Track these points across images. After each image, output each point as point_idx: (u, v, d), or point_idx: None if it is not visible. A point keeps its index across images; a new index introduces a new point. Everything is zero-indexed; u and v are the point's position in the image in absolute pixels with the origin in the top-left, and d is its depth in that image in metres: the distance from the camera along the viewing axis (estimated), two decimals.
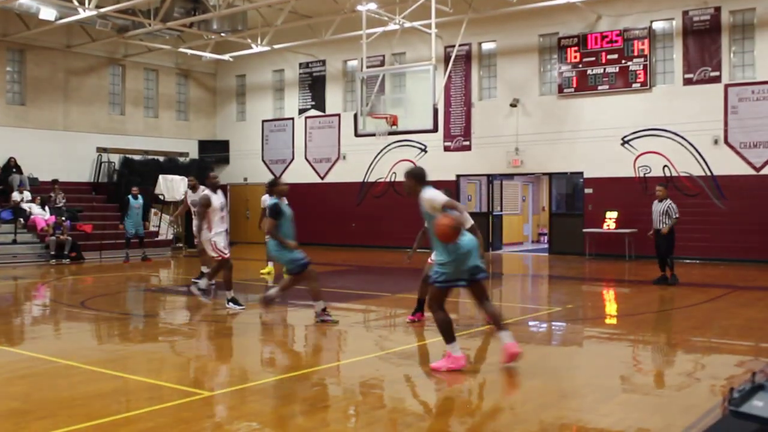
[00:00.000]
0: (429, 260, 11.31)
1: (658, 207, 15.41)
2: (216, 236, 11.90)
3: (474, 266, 7.65)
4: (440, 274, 7.64)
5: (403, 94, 20.04)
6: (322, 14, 23.72)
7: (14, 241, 21.17)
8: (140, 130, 28.40)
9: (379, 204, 26.00)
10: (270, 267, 18.03)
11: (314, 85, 27.91)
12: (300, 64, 28.14)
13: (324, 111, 27.65)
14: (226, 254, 11.84)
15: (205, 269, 13.98)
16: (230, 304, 11.64)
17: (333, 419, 6.21)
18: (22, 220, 21.80)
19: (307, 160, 27.99)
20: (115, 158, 27.04)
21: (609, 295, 15.36)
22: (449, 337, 7.72)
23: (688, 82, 20.62)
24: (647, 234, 16.10)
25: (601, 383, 7.34)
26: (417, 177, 7.94)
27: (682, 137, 20.60)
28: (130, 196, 21.49)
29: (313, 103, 27.93)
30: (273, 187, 10.85)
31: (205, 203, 11.90)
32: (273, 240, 10.54)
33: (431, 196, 7.79)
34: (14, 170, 23.77)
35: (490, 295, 8.27)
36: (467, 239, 7.63)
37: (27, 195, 22.69)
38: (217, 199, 12.13)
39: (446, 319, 7.73)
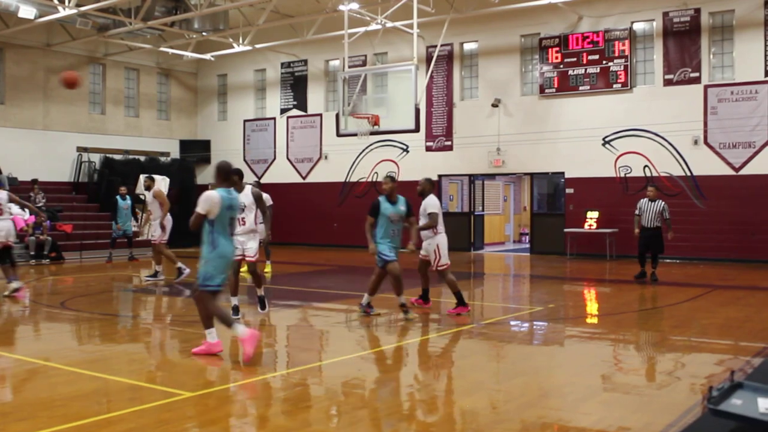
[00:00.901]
0: (420, 255, 11.56)
1: (651, 206, 15.74)
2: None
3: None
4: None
5: (384, 94, 20.04)
6: (304, 14, 23.69)
7: None
8: (121, 129, 28.26)
9: (361, 204, 25.90)
10: (268, 266, 17.92)
11: (296, 85, 27.87)
12: (282, 64, 28.09)
13: (306, 111, 27.61)
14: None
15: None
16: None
17: (315, 419, 6.20)
18: None
19: (289, 159, 27.94)
20: (96, 158, 26.90)
21: (590, 294, 15.43)
22: (208, 324, 8.31)
23: (668, 82, 20.75)
24: (634, 232, 16.15)
25: (582, 382, 7.38)
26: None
27: (663, 137, 20.73)
28: (118, 197, 21.28)
29: (295, 102, 27.89)
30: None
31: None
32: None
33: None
34: None
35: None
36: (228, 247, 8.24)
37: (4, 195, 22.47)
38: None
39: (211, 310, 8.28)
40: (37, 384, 7.40)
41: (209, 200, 8.13)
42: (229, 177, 8.68)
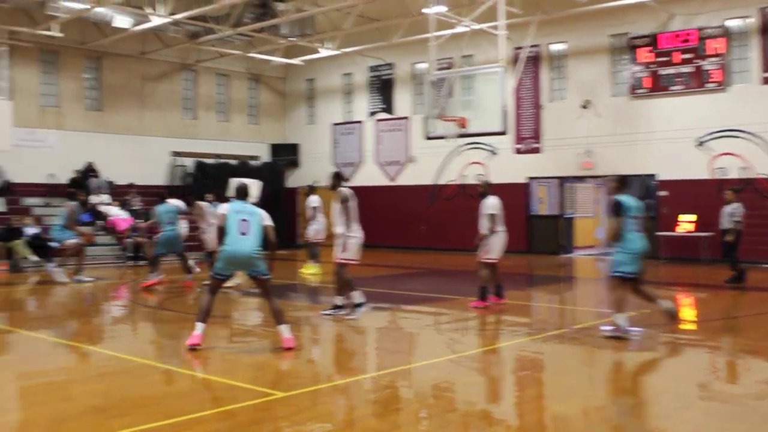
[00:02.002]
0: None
1: (725, 210, 15.71)
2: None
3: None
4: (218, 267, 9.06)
5: (472, 97, 19.91)
6: (391, 17, 23.77)
7: (92, 243, 21.67)
8: (212, 133, 28.90)
9: (449, 206, 25.93)
10: (314, 267, 18.08)
11: (383, 88, 28.00)
12: (369, 67, 28.25)
13: (393, 114, 27.71)
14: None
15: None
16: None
17: (404, 422, 6.22)
18: (98, 222, 22.33)
19: (377, 162, 28.08)
20: (189, 162, 27.60)
21: (685, 299, 15.03)
22: (198, 317, 8.96)
23: (765, 81, 20.04)
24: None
25: (678, 390, 7.19)
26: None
27: (761, 138, 20.06)
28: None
29: (383, 106, 28.01)
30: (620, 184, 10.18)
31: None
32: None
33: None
34: (92, 174, 24.45)
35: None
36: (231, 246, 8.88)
37: (104, 198, 23.27)
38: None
39: (205, 306, 9.02)
40: (135, 381, 7.61)
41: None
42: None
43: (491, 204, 12.20)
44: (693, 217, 20.85)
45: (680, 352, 9.44)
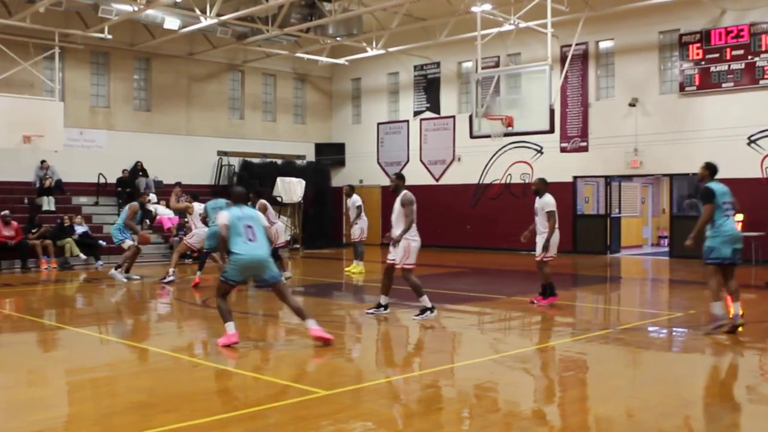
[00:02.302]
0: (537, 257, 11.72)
1: None
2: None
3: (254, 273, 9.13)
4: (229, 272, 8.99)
5: (518, 95, 19.82)
6: (437, 16, 23.73)
7: (149, 242, 21.96)
8: (259, 133, 29.14)
9: (494, 206, 25.83)
10: (359, 266, 18.14)
11: (429, 87, 27.98)
12: (414, 67, 28.25)
13: (439, 113, 27.67)
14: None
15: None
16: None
17: (447, 421, 6.21)
18: (148, 221, 22.64)
19: (422, 162, 28.06)
20: (235, 161, 27.87)
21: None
22: (225, 318, 8.99)
23: None
24: None
25: (724, 392, 7.09)
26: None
27: None
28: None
29: (428, 105, 27.99)
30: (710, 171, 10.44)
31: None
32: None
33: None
34: (141, 173, 24.81)
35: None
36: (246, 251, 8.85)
37: (153, 197, 23.57)
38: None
39: (225, 306, 9.05)
40: (181, 378, 7.72)
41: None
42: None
43: (550, 201, 12.06)
44: (741, 217, 20.47)
45: (726, 354, 9.28)
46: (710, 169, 10.34)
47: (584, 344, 9.49)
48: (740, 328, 9.67)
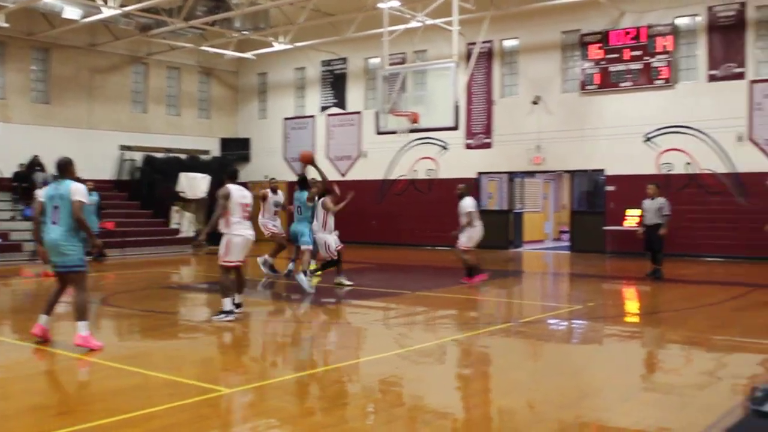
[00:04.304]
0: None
1: (650, 204, 16.00)
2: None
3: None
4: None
5: (424, 92, 19.93)
6: (344, 12, 23.72)
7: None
8: (163, 128, 28.57)
9: (400, 202, 25.99)
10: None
11: (335, 83, 27.95)
12: (321, 62, 28.18)
13: (345, 109, 27.67)
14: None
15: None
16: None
17: (352, 416, 6.22)
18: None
19: (329, 157, 28.02)
20: (138, 156, 27.24)
21: (630, 293, 15.27)
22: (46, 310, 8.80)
23: (712, 78, 20.43)
24: (637, 233, 16.49)
25: (621, 382, 7.30)
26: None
27: (706, 134, 20.43)
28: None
29: (335, 100, 27.96)
30: None
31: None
32: None
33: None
34: (38, 168, 23.96)
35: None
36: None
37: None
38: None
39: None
40: (78, 379, 7.51)
41: None
42: None
43: (464, 205, 14.92)
44: (639, 212, 21.14)
45: (623, 345, 9.58)
46: None
47: (487, 338, 9.63)
48: None
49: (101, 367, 7.94)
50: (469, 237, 14.96)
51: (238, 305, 10.81)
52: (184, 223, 25.88)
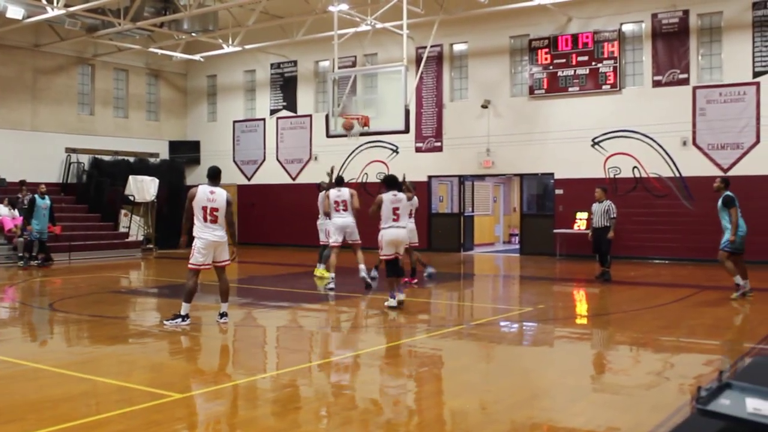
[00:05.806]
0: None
1: (598, 208, 16.35)
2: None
3: None
4: None
5: (374, 95, 20.00)
6: (294, 15, 23.66)
7: None
8: (110, 130, 28.16)
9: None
10: (322, 270, 17.14)
11: (286, 86, 27.84)
12: (271, 65, 28.06)
13: (295, 112, 27.59)
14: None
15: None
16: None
17: (304, 420, 6.20)
18: None
19: (279, 160, 27.90)
20: (85, 158, 26.79)
21: (579, 295, 15.47)
22: None
23: (657, 84, 20.81)
24: (588, 236, 16.80)
25: (571, 383, 7.39)
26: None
27: (652, 138, 20.79)
28: (36, 195, 20.16)
29: (285, 103, 27.86)
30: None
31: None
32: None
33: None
34: None
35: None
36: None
37: None
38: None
39: None
40: (26, 386, 7.36)
41: None
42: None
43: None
44: (585, 215, 21.45)
45: (574, 346, 9.70)
46: (725, 182, 13.76)
47: (438, 340, 9.68)
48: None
49: (49, 373, 7.80)
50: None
51: (222, 314, 10.62)
52: (133, 226, 25.53)
